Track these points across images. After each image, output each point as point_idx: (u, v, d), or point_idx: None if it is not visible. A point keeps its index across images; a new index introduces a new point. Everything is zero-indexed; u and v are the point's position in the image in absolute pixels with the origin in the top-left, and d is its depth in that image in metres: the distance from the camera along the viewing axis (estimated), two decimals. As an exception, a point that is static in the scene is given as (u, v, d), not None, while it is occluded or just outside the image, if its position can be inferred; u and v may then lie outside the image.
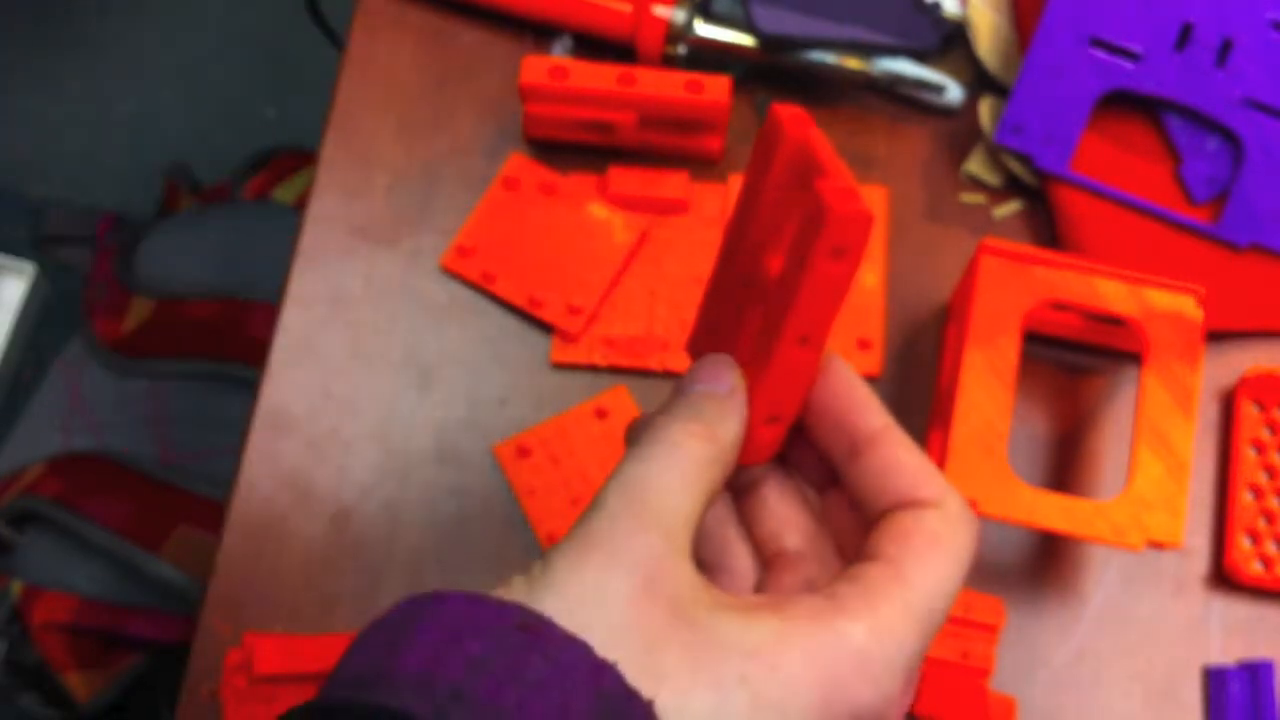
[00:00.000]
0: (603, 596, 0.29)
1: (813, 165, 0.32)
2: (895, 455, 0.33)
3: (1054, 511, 0.51)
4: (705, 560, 0.36)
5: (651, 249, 0.61)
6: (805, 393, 0.35)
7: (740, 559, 0.36)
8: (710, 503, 0.33)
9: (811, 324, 0.33)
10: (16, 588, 0.94)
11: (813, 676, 0.29)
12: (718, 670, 0.29)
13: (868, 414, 0.34)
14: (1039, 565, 0.57)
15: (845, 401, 0.34)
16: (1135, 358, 0.59)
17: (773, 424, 0.35)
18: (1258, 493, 0.58)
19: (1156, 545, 0.51)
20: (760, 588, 0.36)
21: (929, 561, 0.32)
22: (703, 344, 0.37)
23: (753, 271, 0.35)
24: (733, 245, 0.36)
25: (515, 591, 0.30)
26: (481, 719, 0.26)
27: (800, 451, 0.37)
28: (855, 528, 0.35)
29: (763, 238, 0.35)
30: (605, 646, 0.28)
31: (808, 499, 0.37)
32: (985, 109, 0.62)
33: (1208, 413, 0.60)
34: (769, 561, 0.36)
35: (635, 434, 0.33)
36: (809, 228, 0.32)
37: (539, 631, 0.28)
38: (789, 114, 0.33)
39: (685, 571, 0.30)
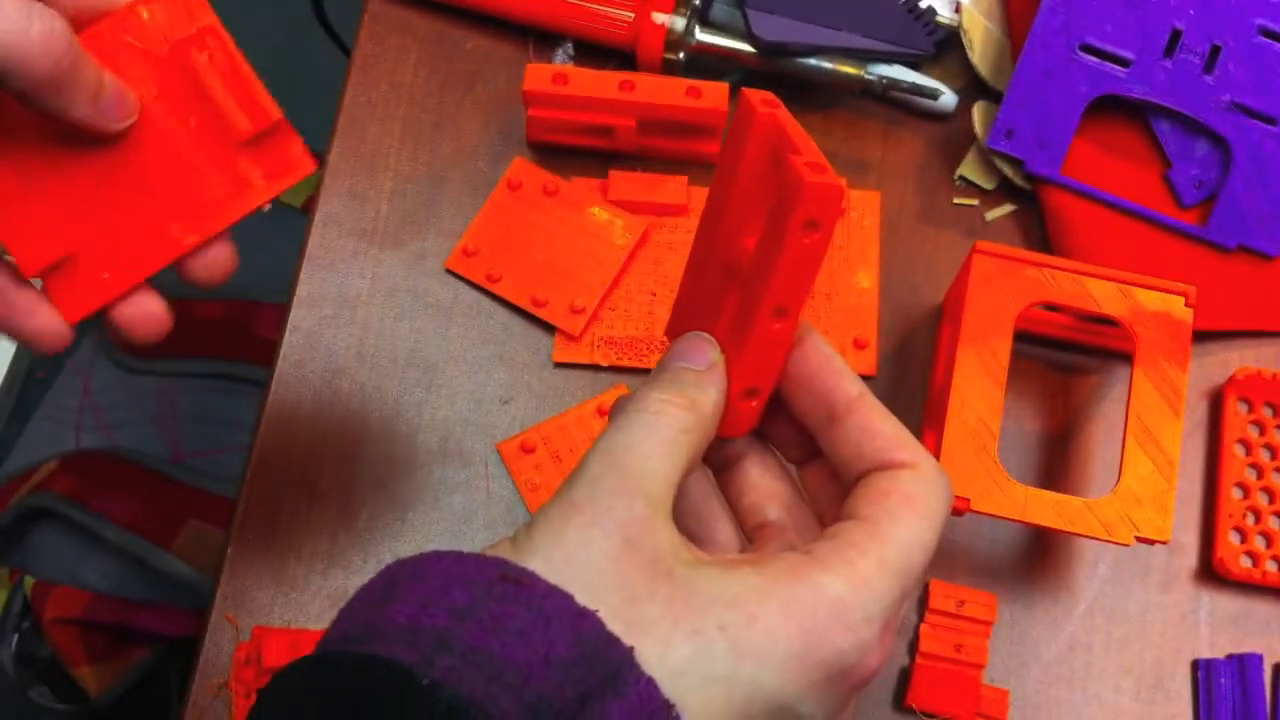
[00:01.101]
0: (585, 555, 0.30)
1: (784, 143, 0.34)
2: (871, 421, 0.35)
3: (1045, 508, 0.52)
4: (690, 533, 0.37)
5: (651, 251, 0.62)
6: (781, 365, 0.36)
7: (724, 531, 0.37)
8: (690, 468, 0.34)
9: (787, 295, 0.34)
10: (29, 583, 0.95)
11: (792, 625, 0.30)
12: (698, 620, 0.30)
13: (844, 382, 0.35)
14: (1031, 561, 0.58)
15: (822, 371, 0.36)
16: (1125, 357, 0.60)
17: (751, 397, 0.36)
18: (1245, 490, 0.59)
19: (1146, 541, 0.51)
20: None
21: (903, 518, 0.33)
22: (681, 328, 0.38)
23: (729, 254, 0.36)
24: (709, 231, 0.37)
25: (500, 551, 0.31)
26: (467, 664, 0.27)
27: (778, 427, 0.38)
28: (834, 497, 0.36)
29: (738, 221, 0.36)
30: (586, 599, 0.29)
31: (787, 472, 0.38)
32: (978, 114, 0.63)
33: (1196, 411, 0.60)
34: (752, 534, 0.37)
35: (619, 407, 0.35)
36: (783, 202, 0.33)
37: (522, 583, 0.29)
38: (760, 97, 0.35)
39: (666, 532, 0.31)
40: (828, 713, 0.31)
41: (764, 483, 0.37)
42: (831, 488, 0.37)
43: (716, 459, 0.38)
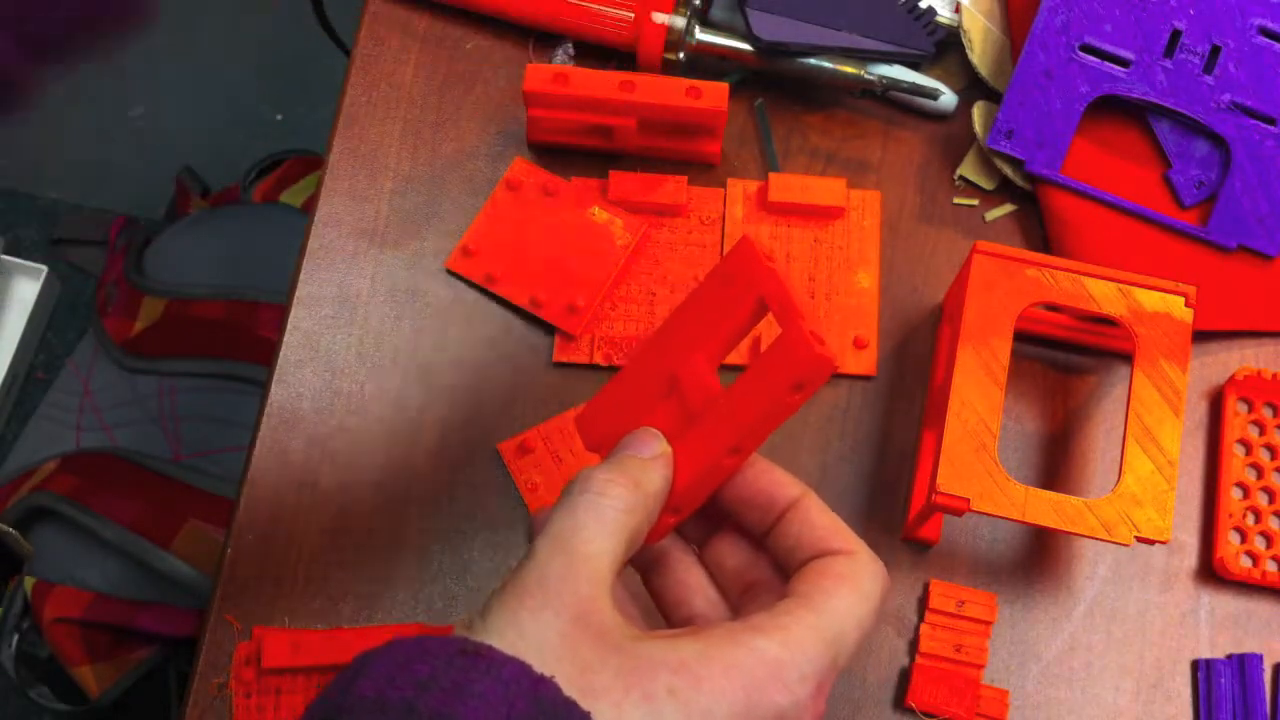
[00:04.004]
0: (538, 632, 0.32)
1: (788, 304, 0.37)
2: (810, 515, 0.38)
3: (1045, 508, 0.52)
4: (672, 611, 0.40)
5: (651, 251, 0.62)
6: (712, 491, 0.39)
7: (700, 605, 0.40)
8: (633, 547, 0.36)
9: (749, 439, 0.37)
10: (29, 583, 0.95)
11: (734, 685, 0.32)
12: (648, 685, 0.32)
13: (786, 488, 0.38)
14: (1031, 561, 0.58)
15: (767, 485, 0.38)
16: (1125, 357, 0.60)
17: (673, 513, 0.38)
18: (1245, 490, 0.59)
19: (1146, 541, 0.51)
20: None
21: (835, 594, 0.36)
22: (604, 427, 0.40)
23: (679, 369, 0.38)
24: (665, 342, 0.39)
25: (458, 631, 0.33)
26: None
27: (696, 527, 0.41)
28: (746, 565, 0.39)
29: (701, 343, 0.38)
30: (542, 669, 0.31)
31: (702, 563, 0.41)
32: (978, 114, 0.63)
33: (1196, 412, 0.60)
34: (677, 624, 0.40)
35: (566, 490, 0.37)
36: (781, 361, 0.36)
37: (480, 654, 0.31)
38: (763, 249, 0.38)
39: (609, 609, 0.34)
40: None
41: (689, 577, 0.40)
42: (744, 555, 0.40)
43: (640, 560, 0.40)
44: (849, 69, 0.62)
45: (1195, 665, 0.57)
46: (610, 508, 0.35)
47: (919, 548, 0.58)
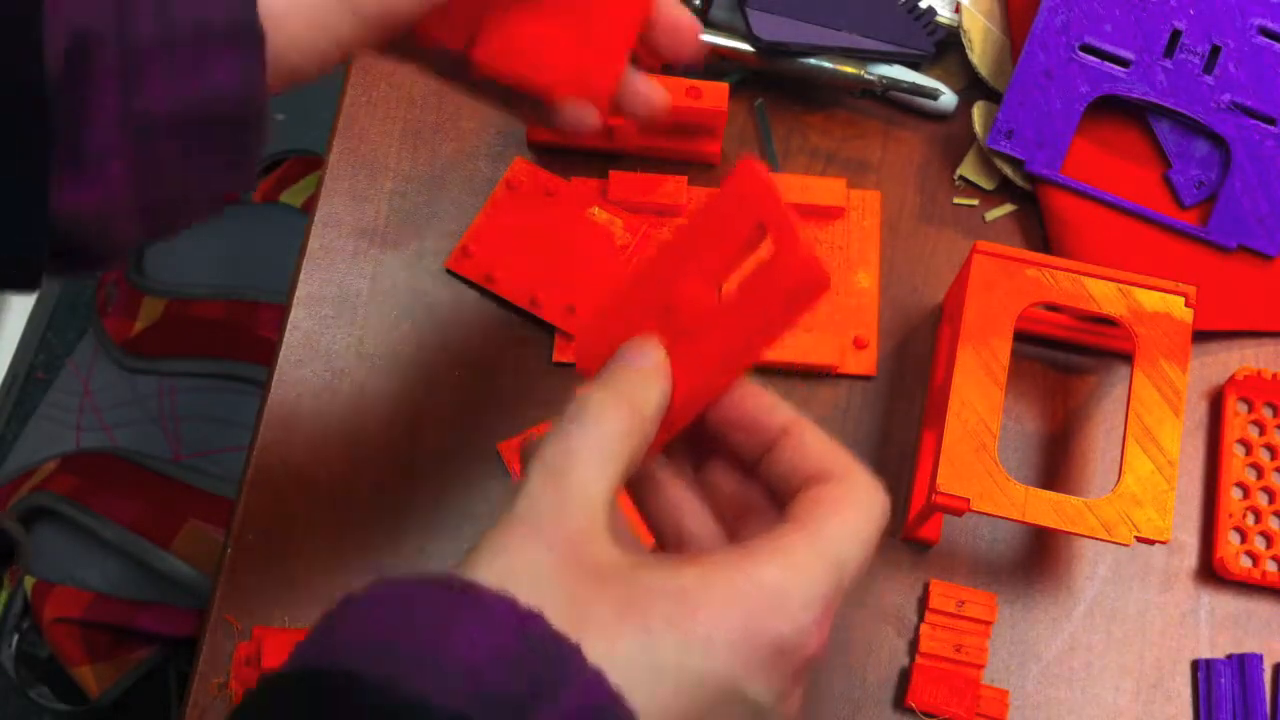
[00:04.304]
0: (527, 566, 0.31)
1: (786, 224, 0.35)
2: (804, 441, 0.36)
3: (1045, 508, 0.52)
4: (665, 533, 0.38)
5: (651, 251, 0.62)
6: (701, 410, 0.38)
7: (697, 526, 0.38)
8: (630, 470, 0.34)
9: (742, 358, 0.36)
10: (29, 583, 0.95)
11: (734, 614, 0.31)
12: (644, 615, 0.31)
13: (777, 414, 0.37)
14: (1031, 561, 0.58)
15: (757, 410, 0.37)
16: (1125, 357, 0.60)
17: (665, 430, 0.37)
18: (1245, 490, 0.59)
19: (1146, 541, 0.51)
20: None
21: (835, 517, 0.34)
22: (596, 348, 0.39)
23: (675, 295, 0.37)
24: (661, 268, 0.38)
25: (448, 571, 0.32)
26: (413, 665, 0.28)
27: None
28: (740, 491, 0.38)
29: (696, 268, 0.37)
30: (531, 603, 0.30)
31: (697, 483, 0.39)
32: (978, 114, 0.63)
33: (1196, 412, 0.61)
34: (672, 545, 0.38)
35: (562, 414, 0.35)
36: (773, 275, 0.35)
37: (466, 591, 0.30)
38: (764, 171, 0.37)
39: (604, 538, 0.32)
40: (775, 694, 0.32)
41: (683, 499, 0.39)
42: (736, 482, 0.38)
43: (632, 480, 0.39)
44: (849, 69, 0.62)
45: (1195, 665, 0.57)
46: (605, 433, 0.34)
47: (919, 548, 0.58)
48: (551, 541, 0.32)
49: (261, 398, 0.60)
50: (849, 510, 0.34)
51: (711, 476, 0.39)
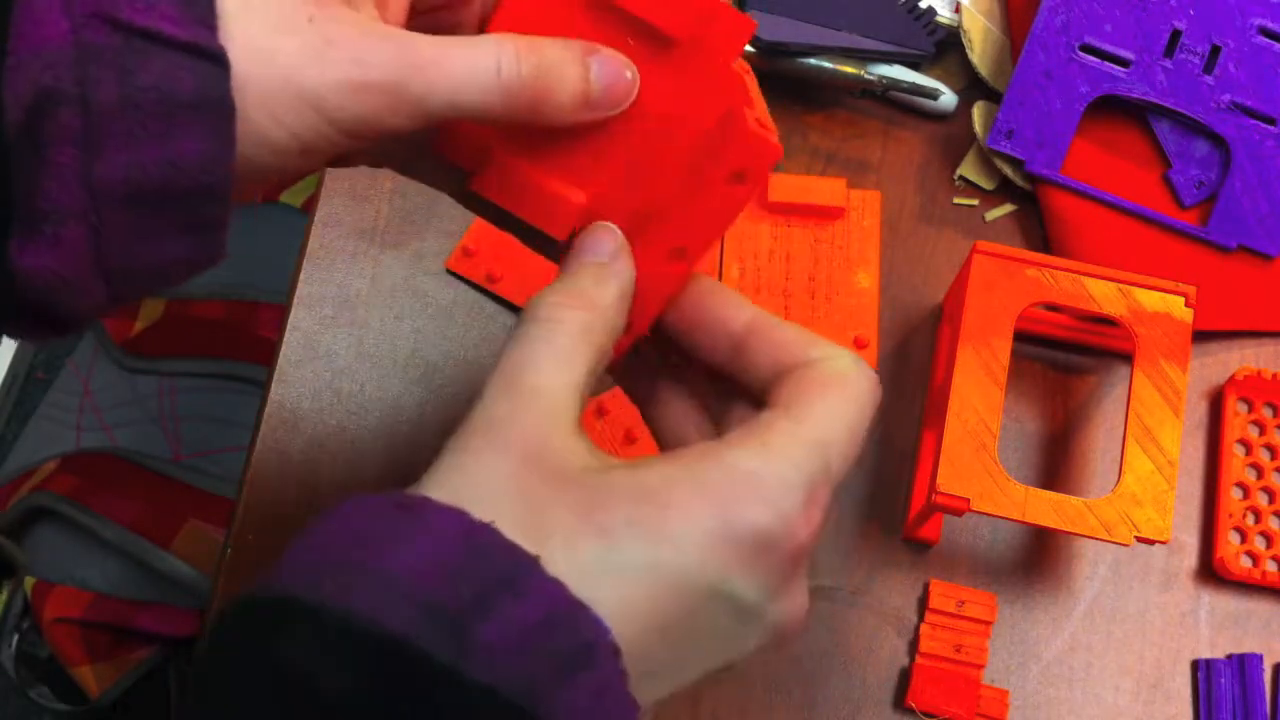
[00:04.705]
0: (482, 476, 0.30)
1: (740, 91, 0.34)
2: (775, 335, 0.34)
3: (1045, 508, 0.52)
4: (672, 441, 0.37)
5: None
6: (662, 306, 0.36)
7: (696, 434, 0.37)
8: (597, 369, 0.33)
9: (690, 239, 0.34)
10: (29, 583, 0.95)
11: (705, 504, 0.29)
12: (604, 518, 0.29)
13: (739, 310, 0.35)
14: (1031, 561, 0.58)
15: (715, 306, 0.35)
16: (1125, 357, 0.60)
17: (624, 332, 0.35)
18: (1245, 490, 0.59)
19: (1146, 541, 0.52)
20: None
21: (817, 398, 0.32)
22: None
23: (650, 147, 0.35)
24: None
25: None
26: (355, 580, 0.27)
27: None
28: (727, 399, 0.36)
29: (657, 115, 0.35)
30: (483, 514, 0.28)
31: (697, 397, 0.38)
32: (978, 114, 0.63)
33: (1196, 412, 0.61)
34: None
35: (519, 317, 0.34)
36: (721, 147, 0.33)
37: (413, 508, 0.28)
38: (744, 24, 0.34)
39: (569, 442, 0.31)
40: (764, 589, 0.30)
41: (682, 406, 0.37)
42: (717, 391, 0.37)
43: (635, 393, 0.38)
44: (849, 69, 0.62)
45: (1195, 665, 0.57)
46: (563, 333, 0.32)
47: (919, 548, 0.58)
48: (505, 448, 0.30)
49: (261, 398, 0.60)
50: (833, 392, 0.32)
51: (698, 384, 0.37)
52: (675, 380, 0.38)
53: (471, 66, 0.33)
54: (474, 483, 0.30)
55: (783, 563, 0.30)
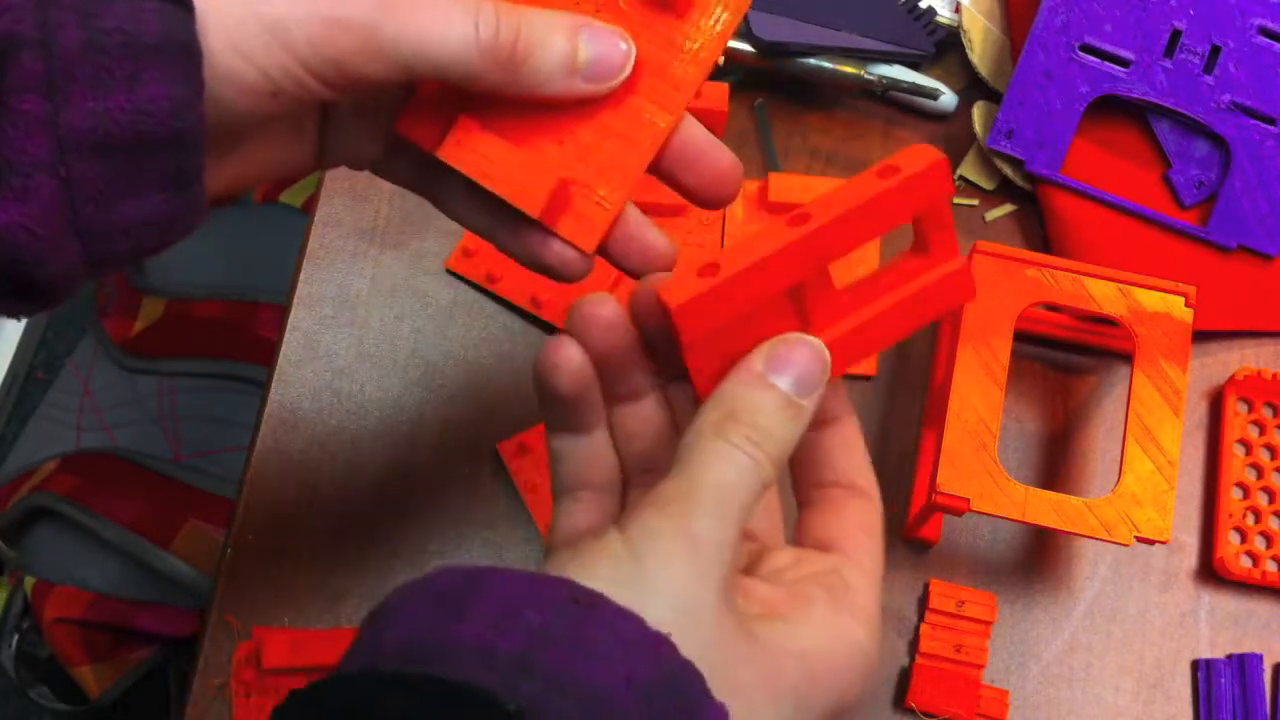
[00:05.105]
0: (673, 592, 0.29)
1: (950, 231, 0.36)
2: (848, 442, 0.36)
3: (1045, 508, 0.52)
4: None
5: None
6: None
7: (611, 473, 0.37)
8: (751, 514, 0.33)
9: (863, 353, 0.36)
10: (29, 583, 0.95)
11: (834, 681, 0.32)
12: (777, 684, 0.31)
13: (837, 395, 0.36)
14: (1031, 561, 0.58)
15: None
16: (1125, 357, 0.60)
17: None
18: (1245, 490, 0.59)
19: (1146, 541, 0.51)
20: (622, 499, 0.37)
21: (874, 553, 0.36)
22: (707, 324, 0.34)
23: (805, 278, 0.35)
24: (801, 245, 0.34)
25: (563, 570, 0.30)
26: (551, 688, 0.26)
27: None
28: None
29: (833, 251, 0.35)
30: (668, 627, 0.28)
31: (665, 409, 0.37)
32: (978, 114, 0.63)
33: (1196, 411, 0.61)
34: (632, 472, 0.37)
35: (710, 428, 0.32)
36: (934, 286, 0.36)
37: (595, 605, 0.28)
38: (944, 163, 0.36)
39: (736, 582, 0.32)
40: None
41: (659, 425, 0.37)
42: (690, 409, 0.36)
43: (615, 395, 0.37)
44: (849, 69, 0.62)
45: (1195, 665, 0.57)
46: (759, 476, 0.32)
47: (919, 548, 0.58)
48: (704, 571, 0.30)
49: (261, 398, 0.60)
50: (879, 545, 0.36)
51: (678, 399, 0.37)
52: (660, 401, 0.37)
53: (447, 17, 0.33)
54: (662, 596, 0.29)
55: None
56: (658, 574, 0.29)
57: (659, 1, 0.37)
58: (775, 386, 0.33)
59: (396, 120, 0.37)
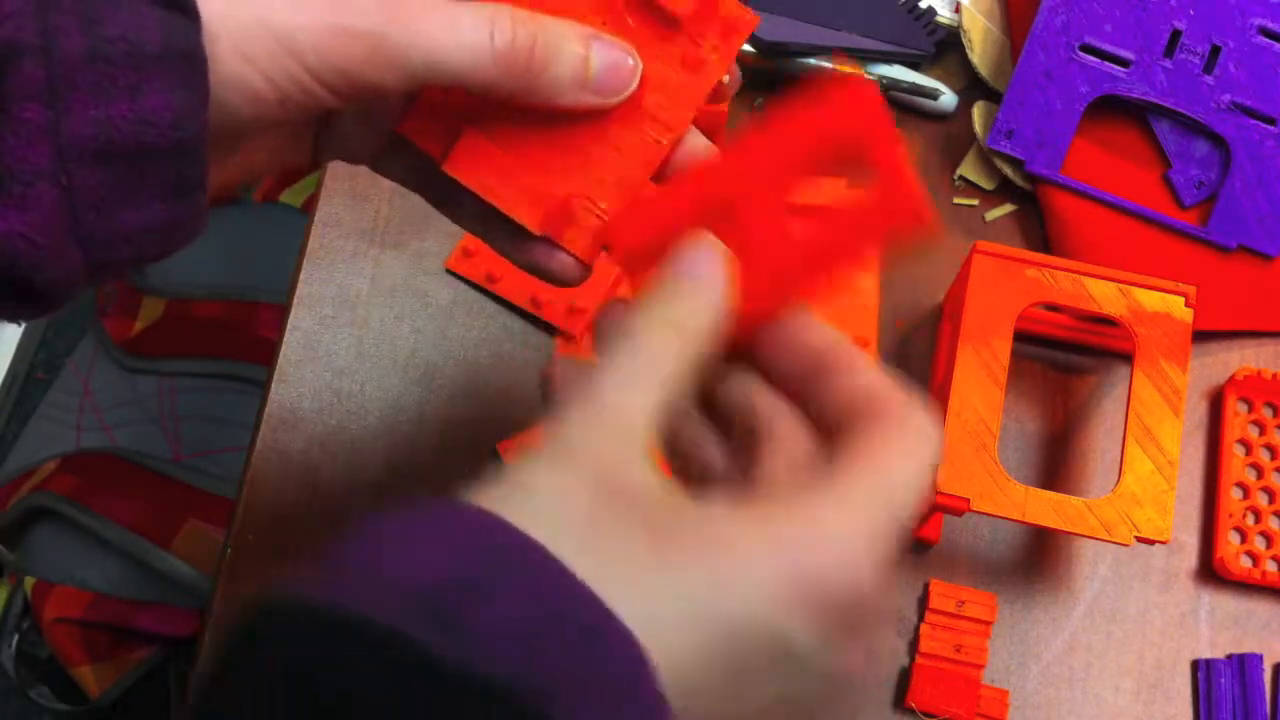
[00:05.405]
0: (545, 494, 0.28)
1: (897, 157, 0.34)
2: (856, 369, 0.33)
3: (1045, 508, 0.52)
4: (683, 459, 0.36)
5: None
6: (751, 334, 0.35)
7: (712, 456, 0.35)
8: (676, 399, 0.31)
9: (809, 282, 0.34)
10: (29, 583, 0.95)
11: (779, 556, 0.28)
12: (670, 554, 0.28)
13: (821, 332, 0.34)
14: (1031, 561, 0.58)
15: (797, 325, 0.34)
16: (1125, 357, 0.60)
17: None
18: (1245, 490, 0.59)
19: (1146, 541, 0.51)
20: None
21: (896, 455, 0.31)
22: (638, 236, 0.35)
23: (733, 199, 0.35)
24: (716, 169, 0.35)
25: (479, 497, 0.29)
26: (352, 585, 0.25)
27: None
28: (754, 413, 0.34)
29: (758, 174, 0.34)
30: (544, 534, 0.27)
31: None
32: (978, 114, 0.63)
33: (1196, 411, 0.61)
34: (691, 481, 0.35)
35: (605, 331, 0.32)
36: (878, 211, 0.34)
37: (434, 509, 0.27)
38: (877, 94, 0.34)
39: (640, 468, 0.29)
40: (822, 642, 0.29)
41: (700, 427, 0.36)
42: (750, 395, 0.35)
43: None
44: (849, 69, 0.62)
45: (1195, 665, 0.57)
46: (646, 355, 0.31)
47: (919, 548, 0.58)
48: (578, 467, 0.28)
49: (261, 398, 0.60)
50: (907, 454, 0.31)
51: (729, 388, 0.35)
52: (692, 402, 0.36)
53: (461, 25, 0.32)
54: (536, 500, 0.28)
55: (848, 618, 0.29)
56: (525, 477, 0.29)
57: (665, 20, 0.37)
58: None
59: (400, 123, 0.37)
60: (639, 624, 0.26)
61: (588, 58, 0.34)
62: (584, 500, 0.28)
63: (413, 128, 0.37)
